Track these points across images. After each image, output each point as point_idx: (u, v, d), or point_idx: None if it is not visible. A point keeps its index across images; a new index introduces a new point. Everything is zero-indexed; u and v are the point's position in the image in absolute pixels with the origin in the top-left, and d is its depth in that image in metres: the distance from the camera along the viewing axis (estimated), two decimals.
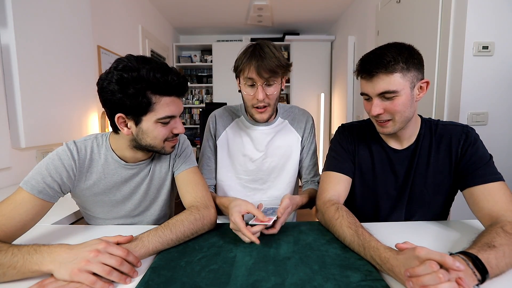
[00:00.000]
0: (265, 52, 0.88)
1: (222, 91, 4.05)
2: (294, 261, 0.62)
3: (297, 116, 1.11)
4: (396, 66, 0.72)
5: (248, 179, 1.08)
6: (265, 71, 0.88)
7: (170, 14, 3.46)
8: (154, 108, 0.71)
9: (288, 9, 3.31)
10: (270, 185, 1.08)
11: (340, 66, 3.52)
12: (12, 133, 1.36)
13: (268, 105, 0.96)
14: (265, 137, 1.07)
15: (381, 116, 0.78)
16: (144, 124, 0.73)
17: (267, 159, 1.07)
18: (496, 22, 1.45)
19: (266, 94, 0.92)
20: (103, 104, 0.73)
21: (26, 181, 0.68)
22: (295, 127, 1.09)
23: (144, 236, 0.65)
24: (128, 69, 0.67)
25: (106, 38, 2.22)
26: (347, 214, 0.73)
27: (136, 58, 0.70)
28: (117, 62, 0.70)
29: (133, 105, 0.69)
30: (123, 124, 0.73)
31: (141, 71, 0.67)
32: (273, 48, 0.91)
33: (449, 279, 0.44)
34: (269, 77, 0.89)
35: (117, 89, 0.67)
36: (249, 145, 1.07)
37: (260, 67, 0.87)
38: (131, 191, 0.85)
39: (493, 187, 0.71)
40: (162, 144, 0.77)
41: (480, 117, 1.51)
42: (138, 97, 0.68)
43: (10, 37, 1.31)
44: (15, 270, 0.54)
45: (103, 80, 0.69)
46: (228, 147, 1.08)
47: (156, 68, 0.68)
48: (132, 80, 0.67)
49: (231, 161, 1.09)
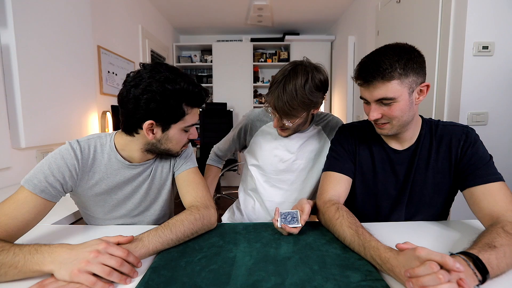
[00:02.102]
0: (286, 89, 0.88)
1: (222, 91, 4.05)
2: (294, 261, 0.62)
3: (331, 123, 1.11)
4: (393, 73, 0.71)
5: (276, 179, 1.10)
6: (279, 112, 0.92)
7: (170, 14, 3.46)
8: (185, 118, 0.77)
9: (288, 9, 3.30)
10: (297, 187, 1.10)
11: (340, 66, 3.52)
12: (12, 133, 1.36)
13: (287, 129, 1.00)
14: (298, 140, 1.08)
15: (379, 119, 0.78)
16: (171, 132, 0.77)
17: (297, 160, 1.08)
18: (496, 22, 1.45)
19: (284, 125, 0.97)
20: (131, 112, 0.73)
21: (28, 179, 0.68)
22: (327, 134, 1.11)
23: (144, 236, 0.65)
24: (169, 81, 0.71)
25: (106, 38, 2.21)
26: (347, 214, 0.73)
27: (170, 69, 0.74)
28: (152, 71, 0.71)
29: (168, 114, 0.73)
30: (150, 131, 0.75)
31: (180, 84, 0.72)
32: (300, 81, 0.88)
33: (449, 279, 0.44)
34: (285, 117, 0.94)
35: (159, 99, 0.70)
36: (281, 147, 1.09)
37: (276, 106, 0.91)
38: (132, 190, 0.85)
39: (493, 187, 0.71)
40: (179, 150, 0.83)
41: (480, 117, 1.51)
42: (176, 108, 0.73)
43: (10, 37, 1.31)
44: (17, 269, 0.54)
45: (136, 89, 0.70)
46: (261, 146, 1.11)
47: (190, 82, 0.74)
48: (175, 92, 0.71)
49: (262, 159, 1.11)
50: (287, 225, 0.73)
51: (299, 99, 0.88)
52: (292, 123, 0.95)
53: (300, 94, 0.87)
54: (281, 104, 0.89)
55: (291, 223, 0.74)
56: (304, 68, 0.91)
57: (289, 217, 0.76)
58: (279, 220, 0.75)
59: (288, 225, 0.73)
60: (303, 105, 0.90)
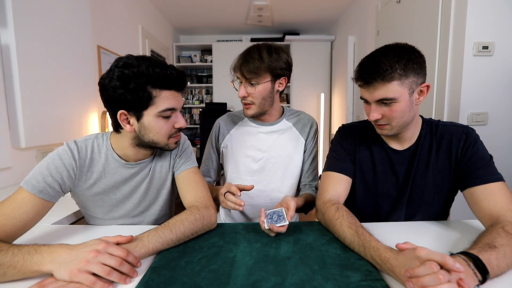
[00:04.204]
0: (251, 52, 0.96)
1: (222, 91, 4.06)
2: (294, 261, 0.62)
3: (302, 120, 1.12)
4: (393, 74, 0.71)
5: (252, 180, 1.08)
6: (246, 72, 0.95)
7: (170, 14, 3.46)
8: (155, 101, 0.72)
9: (288, 9, 3.31)
10: (274, 187, 1.09)
11: (340, 66, 3.52)
12: (12, 133, 1.36)
13: (252, 103, 1.00)
14: (268, 138, 1.08)
15: (378, 120, 0.78)
16: (146, 119, 0.74)
17: (270, 159, 1.07)
18: (496, 22, 1.45)
19: (248, 92, 0.98)
20: (105, 103, 0.74)
21: (27, 180, 0.68)
22: (300, 131, 1.11)
23: (144, 236, 0.64)
24: (128, 66, 0.69)
25: (106, 38, 2.21)
26: (347, 214, 0.73)
27: (136, 56, 0.72)
28: (117, 60, 0.72)
29: (134, 100, 0.70)
30: (126, 121, 0.74)
31: (141, 66, 0.70)
32: (263, 49, 0.96)
33: (449, 280, 0.44)
34: (251, 77, 0.95)
35: (118, 85, 0.69)
36: (252, 146, 1.08)
37: (242, 66, 0.96)
38: (131, 190, 0.85)
39: (494, 187, 0.71)
40: (166, 141, 0.78)
41: (480, 117, 1.51)
42: (139, 91, 0.70)
43: (10, 37, 1.31)
44: (15, 270, 0.53)
45: (104, 79, 0.71)
46: (232, 149, 1.10)
47: (155, 64, 0.71)
48: (133, 75, 0.69)
49: (235, 162, 1.10)
50: (275, 225, 0.71)
51: (263, 57, 0.95)
52: (259, 90, 0.97)
53: (264, 55, 0.95)
54: (245, 61, 0.94)
55: (278, 221, 0.72)
56: (266, 43, 0.99)
57: (275, 216, 0.74)
58: (266, 221, 0.73)
59: (275, 225, 0.71)
60: (266, 62, 0.94)
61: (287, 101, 4.19)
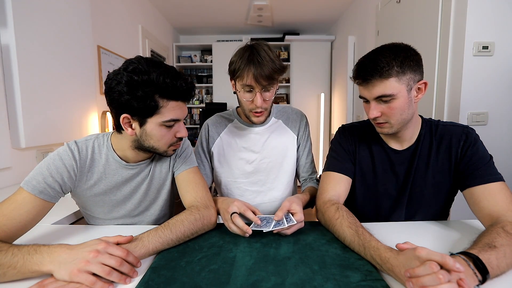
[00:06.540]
0: (262, 57, 0.86)
1: (222, 91, 4.05)
2: (294, 261, 0.62)
3: (291, 116, 1.11)
4: (390, 71, 0.72)
5: (247, 182, 1.07)
6: (263, 79, 0.87)
7: (170, 14, 3.46)
8: (161, 111, 0.72)
9: (288, 9, 3.30)
10: (270, 187, 1.08)
11: (340, 66, 3.52)
12: (12, 133, 1.36)
13: (265, 110, 0.97)
14: (260, 138, 1.07)
15: (378, 118, 0.79)
16: (149, 126, 0.73)
17: (264, 159, 1.06)
18: (496, 22, 1.45)
19: (264, 99, 0.92)
20: (109, 103, 0.73)
21: (27, 181, 0.68)
22: (290, 126, 1.10)
23: (144, 236, 0.65)
24: (138, 72, 0.68)
25: (106, 38, 2.21)
26: (347, 214, 0.73)
27: (147, 61, 0.70)
28: (127, 63, 0.70)
29: (140, 107, 0.69)
30: (128, 125, 0.74)
31: (151, 74, 0.68)
32: (268, 50, 0.90)
33: (449, 280, 0.44)
34: (268, 84, 0.89)
35: (126, 91, 0.68)
36: (245, 148, 1.07)
37: (258, 74, 0.86)
38: (131, 191, 0.85)
39: (493, 187, 0.71)
40: (165, 148, 0.78)
41: (480, 117, 1.51)
42: (146, 100, 0.69)
43: (10, 37, 1.31)
44: (15, 270, 0.54)
45: (111, 80, 0.70)
46: (224, 153, 1.08)
47: (166, 73, 0.69)
48: (142, 83, 0.67)
49: (228, 166, 1.08)
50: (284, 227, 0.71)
51: (275, 57, 0.89)
52: (273, 94, 0.93)
53: (273, 53, 0.89)
54: (264, 69, 0.85)
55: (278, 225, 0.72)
56: (260, 43, 0.92)
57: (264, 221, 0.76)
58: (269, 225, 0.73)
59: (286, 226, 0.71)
60: (279, 65, 0.89)
61: (287, 101, 4.19)
